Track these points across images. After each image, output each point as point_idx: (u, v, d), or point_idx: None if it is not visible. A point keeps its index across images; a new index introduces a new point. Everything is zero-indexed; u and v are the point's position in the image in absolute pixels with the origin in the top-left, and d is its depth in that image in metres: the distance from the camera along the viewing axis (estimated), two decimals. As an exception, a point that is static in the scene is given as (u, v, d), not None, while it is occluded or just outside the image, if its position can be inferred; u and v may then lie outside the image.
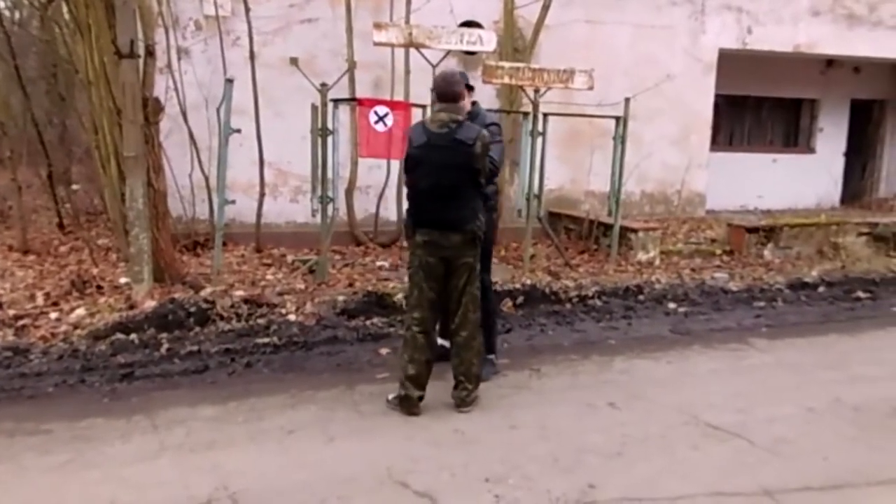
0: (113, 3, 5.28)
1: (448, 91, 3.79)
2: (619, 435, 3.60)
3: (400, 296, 5.59)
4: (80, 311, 5.14)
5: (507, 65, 6.85)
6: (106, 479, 3.08)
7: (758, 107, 11.72)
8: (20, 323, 4.93)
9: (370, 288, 5.86)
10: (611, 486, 3.09)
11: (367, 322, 5.27)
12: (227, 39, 7.58)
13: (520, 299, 5.87)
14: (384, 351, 4.79)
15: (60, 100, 9.17)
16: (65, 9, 6.93)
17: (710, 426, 3.73)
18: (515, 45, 8.52)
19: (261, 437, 3.50)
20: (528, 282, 6.23)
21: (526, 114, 6.85)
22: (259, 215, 7.60)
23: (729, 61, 10.05)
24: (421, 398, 3.81)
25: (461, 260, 3.82)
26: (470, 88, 4.01)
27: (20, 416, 3.67)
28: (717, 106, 10.23)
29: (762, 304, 6.29)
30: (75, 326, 4.90)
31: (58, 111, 9.68)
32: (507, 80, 6.73)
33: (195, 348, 4.65)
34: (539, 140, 6.79)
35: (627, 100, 7.20)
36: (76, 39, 6.44)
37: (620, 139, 7.22)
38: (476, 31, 6.67)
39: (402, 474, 3.15)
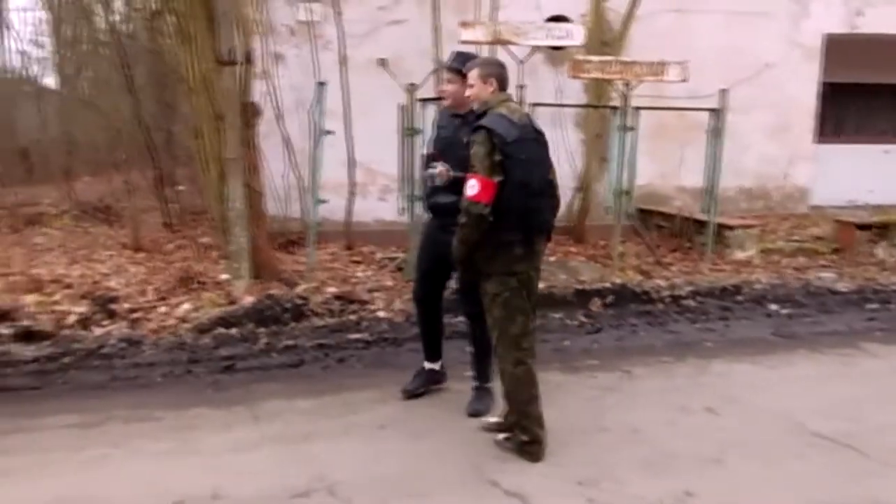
0: (214, 13, 5.55)
1: (507, 77, 3.44)
2: (717, 441, 3.46)
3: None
4: (186, 306, 5.44)
5: (595, 59, 6.68)
6: (209, 467, 3.24)
7: (868, 94, 10.88)
8: (134, 316, 5.27)
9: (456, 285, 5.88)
10: (708, 494, 2.98)
11: (454, 319, 5.29)
12: (318, 44, 7.81)
13: (609, 298, 5.74)
14: (470, 349, 4.78)
15: (167, 107, 9.73)
16: (170, 20, 7.35)
17: (818, 435, 3.52)
18: (603, 38, 8.32)
19: (354, 430, 3.60)
20: (618, 281, 6.08)
21: (615, 108, 6.67)
22: (349, 214, 7.79)
23: (836, 46, 9.41)
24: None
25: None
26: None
27: (134, 404, 3.93)
28: (822, 94, 9.62)
29: (875, 306, 5.88)
30: (182, 320, 5.19)
31: (164, 117, 10.27)
32: (596, 74, 6.57)
33: (291, 343, 4.83)
34: (629, 135, 6.61)
35: (724, 91, 6.89)
36: (181, 49, 6.81)
37: (716, 132, 6.92)
38: (564, 25, 6.57)
39: (491, 473, 3.16)
